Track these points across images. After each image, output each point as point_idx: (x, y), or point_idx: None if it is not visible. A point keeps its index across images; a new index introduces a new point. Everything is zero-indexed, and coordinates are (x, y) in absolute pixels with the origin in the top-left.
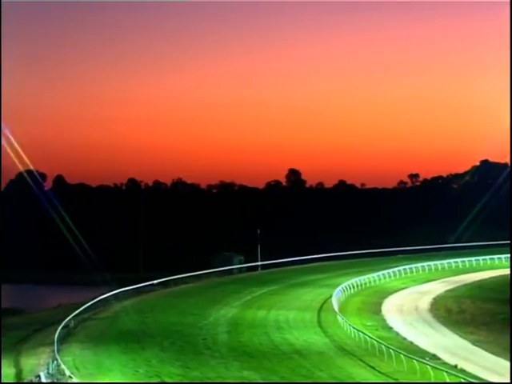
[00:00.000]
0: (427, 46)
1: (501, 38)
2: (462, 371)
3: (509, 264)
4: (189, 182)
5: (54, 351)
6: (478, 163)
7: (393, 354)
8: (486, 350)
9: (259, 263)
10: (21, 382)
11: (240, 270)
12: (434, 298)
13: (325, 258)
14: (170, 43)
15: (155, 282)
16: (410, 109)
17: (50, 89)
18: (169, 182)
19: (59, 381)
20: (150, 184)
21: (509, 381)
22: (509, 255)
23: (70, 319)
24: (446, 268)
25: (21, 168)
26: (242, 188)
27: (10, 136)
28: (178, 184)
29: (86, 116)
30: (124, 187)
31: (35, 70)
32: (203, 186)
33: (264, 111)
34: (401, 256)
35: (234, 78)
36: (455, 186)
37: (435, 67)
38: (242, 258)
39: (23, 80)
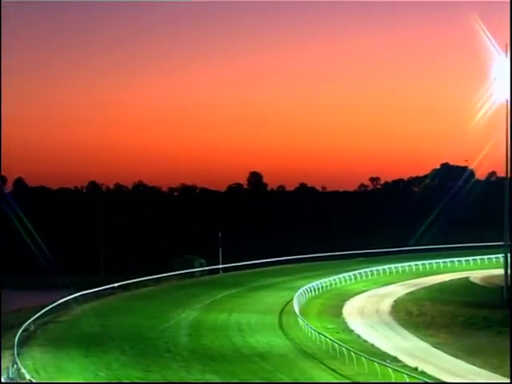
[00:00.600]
0: (388, 49)
1: (463, 42)
2: (423, 373)
3: (469, 267)
4: (150, 184)
5: (13, 355)
6: (438, 166)
7: (354, 356)
8: (445, 352)
9: (220, 266)
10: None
11: (201, 273)
12: (395, 301)
13: (286, 261)
14: (142, 46)
15: (116, 285)
16: (371, 112)
17: (9, 90)
18: (130, 185)
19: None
20: (111, 187)
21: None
22: (469, 258)
23: (30, 323)
24: (407, 271)
25: None
26: (204, 191)
27: None
28: (139, 187)
29: (46, 118)
30: (85, 190)
31: None
32: (164, 188)
33: (225, 114)
34: (361, 259)
35: (195, 82)
36: (416, 189)
37: (397, 71)
38: (204, 261)
39: None
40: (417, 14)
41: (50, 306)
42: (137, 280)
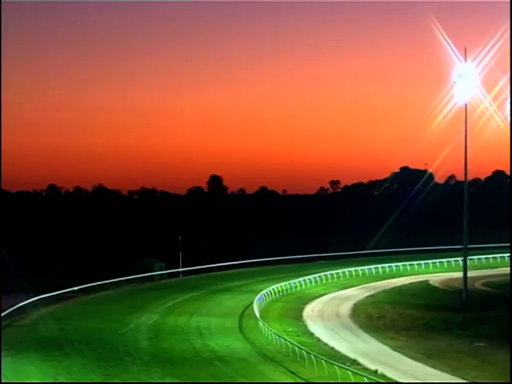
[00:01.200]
0: (345, 52)
1: (422, 46)
2: (383, 376)
3: (429, 270)
4: (110, 188)
5: None
6: (397, 170)
7: (314, 359)
8: (405, 355)
9: (180, 269)
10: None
11: (161, 277)
12: (355, 304)
13: (246, 264)
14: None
15: (75, 288)
16: (330, 116)
17: None
18: (90, 188)
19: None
20: (71, 190)
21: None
22: (429, 261)
23: None
24: (367, 274)
25: None
26: (164, 194)
27: None
28: (99, 190)
29: (4, 120)
30: (44, 193)
31: None
32: (124, 192)
33: (185, 118)
34: (322, 262)
35: (155, 85)
36: (375, 193)
37: (355, 75)
38: (164, 264)
39: None
40: (376, 17)
41: (9, 310)
42: (96, 284)
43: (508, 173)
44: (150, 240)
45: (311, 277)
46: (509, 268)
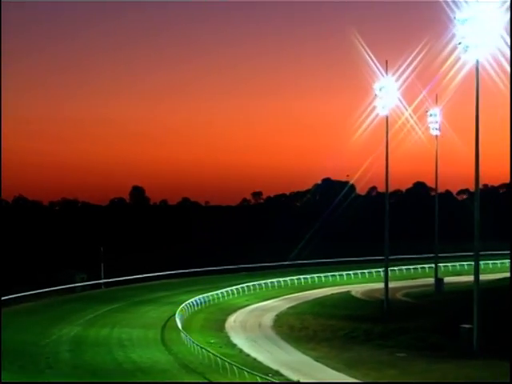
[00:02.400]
0: (266, 63)
1: (344, 59)
2: None
3: (350, 281)
4: (30, 198)
5: None
6: (319, 181)
7: (236, 370)
8: (327, 365)
9: (102, 281)
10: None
11: (83, 288)
12: (277, 315)
13: (169, 275)
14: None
15: None
16: (253, 127)
17: None
18: (10, 199)
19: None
20: None
21: None
22: (350, 272)
23: None
24: (289, 285)
25: None
26: (85, 205)
27: None
28: (19, 200)
29: None
30: None
31: None
32: (45, 202)
33: (107, 128)
34: (244, 273)
35: (76, 94)
36: (298, 204)
37: (279, 86)
38: (85, 275)
39: None
40: (298, 29)
41: None
42: (17, 295)
43: (428, 184)
44: (71, 251)
45: (234, 288)
46: (428, 279)
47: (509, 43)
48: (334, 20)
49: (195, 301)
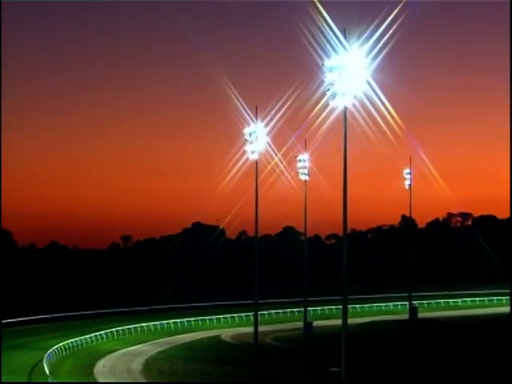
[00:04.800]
0: (133, 108)
1: (216, 103)
2: None
3: (220, 325)
4: None
5: None
6: (189, 225)
7: None
8: None
9: None
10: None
11: None
12: (146, 360)
13: (36, 320)
14: None
15: None
16: (121, 170)
17: None
18: None
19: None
20: None
21: None
22: (220, 316)
23: None
24: (159, 329)
25: None
26: None
27: None
28: None
29: None
30: None
31: None
32: None
33: None
34: (114, 317)
35: None
36: (168, 248)
37: (147, 128)
38: None
39: None
40: (168, 75)
41: None
42: None
43: (297, 228)
44: None
45: (103, 332)
46: (297, 322)
47: (377, 90)
48: (203, 64)
49: (63, 346)
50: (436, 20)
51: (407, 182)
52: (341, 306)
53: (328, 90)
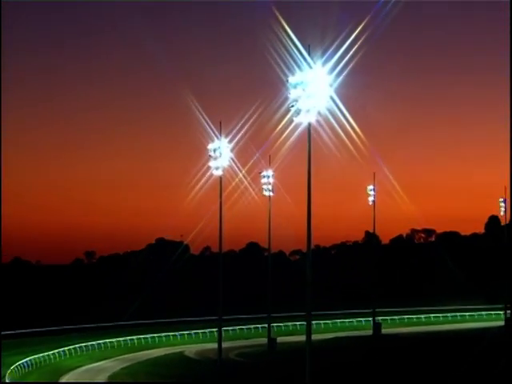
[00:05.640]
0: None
1: (179, 119)
2: None
3: (184, 341)
4: None
5: None
6: (153, 241)
7: None
8: None
9: None
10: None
11: None
12: (110, 376)
13: None
14: None
15: None
16: (84, 185)
17: None
18: None
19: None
20: None
21: None
22: (184, 332)
23: None
24: (122, 345)
25: None
26: None
27: None
28: None
29: None
30: None
31: None
32: None
33: None
34: (76, 334)
35: None
36: (132, 264)
37: (112, 147)
38: None
39: None
40: (132, 86)
41: None
42: None
43: (261, 245)
44: None
45: (66, 348)
46: (261, 338)
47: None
48: (167, 79)
49: (26, 362)
50: (401, 35)
51: (371, 198)
52: (305, 322)
53: (292, 106)
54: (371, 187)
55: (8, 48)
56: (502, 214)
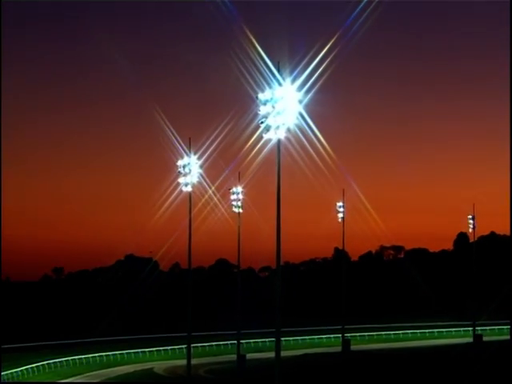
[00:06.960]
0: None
1: (146, 135)
2: None
3: (154, 357)
4: None
5: None
6: (122, 257)
7: None
8: None
9: None
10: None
11: None
12: None
13: None
14: None
15: None
16: (52, 201)
17: None
18: None
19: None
20: None
21: None
22: (153, 348)
23: None
24: (91, 362)
25: None
26: None
27: None
28: None
29: None
30: None
31: None
32: None
33: None
34: (45, 350)
35: None
36: (101, 280)
37: (81, 161)
38: None
39: None
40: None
41: None
42: None
43: (231, 261)
44: None
45: (35, 365)
46: (230, 355)
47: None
48: (135, 96)
49: None
50: (370, 52)
51: (340, 215)
52: (274, 339)
53: (262, 122)
54: (340, 204)
55: None
56: (470, 230)
